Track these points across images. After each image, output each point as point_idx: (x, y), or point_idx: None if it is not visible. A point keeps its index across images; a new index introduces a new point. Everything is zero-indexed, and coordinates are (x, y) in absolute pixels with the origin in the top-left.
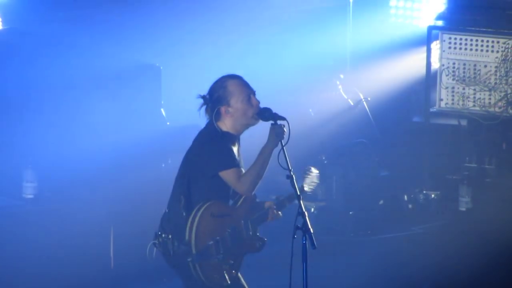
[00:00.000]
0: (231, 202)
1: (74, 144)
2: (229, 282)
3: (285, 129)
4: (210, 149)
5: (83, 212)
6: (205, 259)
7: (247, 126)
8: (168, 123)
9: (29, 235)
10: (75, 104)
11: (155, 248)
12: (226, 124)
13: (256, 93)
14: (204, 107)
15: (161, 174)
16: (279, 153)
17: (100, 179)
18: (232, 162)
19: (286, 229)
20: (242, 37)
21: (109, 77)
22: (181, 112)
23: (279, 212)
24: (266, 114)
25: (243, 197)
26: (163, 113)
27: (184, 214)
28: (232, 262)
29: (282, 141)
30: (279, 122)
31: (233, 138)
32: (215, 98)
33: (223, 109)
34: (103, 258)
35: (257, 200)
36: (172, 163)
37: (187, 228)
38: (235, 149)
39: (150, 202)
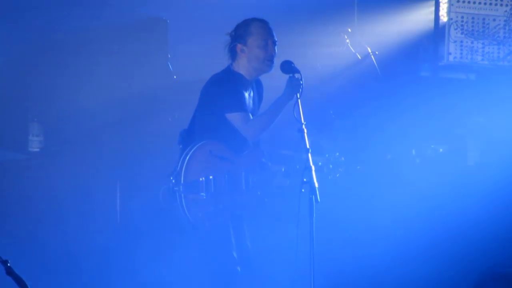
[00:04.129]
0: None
1: (80, 98)
2: (211, 223)
3: (301, 82)
4: (218, 90)
5: (89, 166)
6: (191, 192)
7: (259, 71)
8: (175, 77)
9: (35, 189)
10: (81, 58)
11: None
12: (240, 65)
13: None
14: (228, 46)
15: (168, 128)
16: (294, 105)
17: (106, 133)
18: (239, 106)
19: (294, 184)
20: None
21: (115, 30)
22: (188, 66)
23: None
24: (286, 66)
25: (251, 149)
26: (170, 67)
27: (181, 146)
28: (221, 206)
29: (298, 94)
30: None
31: (245, 81)
32: (235, 35)
33: (239, 46)
34: (109, 213)
35: (264, 161)
36: (179, 117)
37: (181, 159)
38: (246, 94)
39: (156, 156)
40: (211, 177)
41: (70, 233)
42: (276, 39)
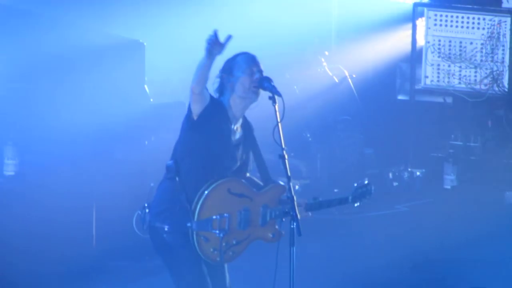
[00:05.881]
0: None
1: (55, 120)
2: (222, 259)
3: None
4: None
5: (65, 189)
6: (203, 230)
7: (246, 100)
8: (151, 100)
9: (10, 213)
10: (57, 81)
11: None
12: (226, 96)
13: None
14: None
15: (144, 152)
16: (274, 129)
17: (82, 156)
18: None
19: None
20: (226, 13)
21: (92, 53)
22: (165, 89)
23: (309, 213)
24: (265, 83)
25: (271, 185)
26: (147, 90)
27: (177, 179)
28: (235, 242)
29: (278, 117)
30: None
31: (225, 111)
32: (222, 69)
33: (224, 77)
34: (85, 236)
35: (289, 195)
36: (156, 141)
37: (197, 196)
38: (230, 125)
39: (133, 180)
40: (225, 215)
41: (45, 256)
42: (262, 69)
